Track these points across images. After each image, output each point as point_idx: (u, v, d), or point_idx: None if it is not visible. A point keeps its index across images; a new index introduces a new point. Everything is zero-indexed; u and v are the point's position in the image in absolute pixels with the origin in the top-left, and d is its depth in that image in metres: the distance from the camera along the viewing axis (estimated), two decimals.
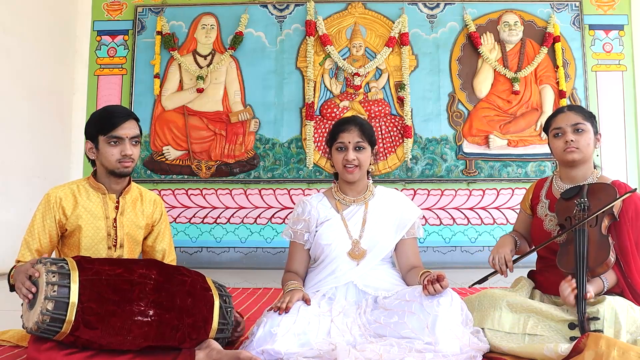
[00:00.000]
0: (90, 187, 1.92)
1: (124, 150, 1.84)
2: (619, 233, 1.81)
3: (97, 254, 1.86)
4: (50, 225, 1.85)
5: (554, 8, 5.22)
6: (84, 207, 1.88)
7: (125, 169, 1.87)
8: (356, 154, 1.97)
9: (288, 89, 5.16)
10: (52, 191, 1.89)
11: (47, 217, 1.85)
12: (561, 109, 2.01)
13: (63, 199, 1.87)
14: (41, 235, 1.85)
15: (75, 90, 5.25)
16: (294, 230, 2.06)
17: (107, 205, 1.91)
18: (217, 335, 1.63)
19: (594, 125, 1.95)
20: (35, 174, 4.65)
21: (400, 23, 5.15)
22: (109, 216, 1.90)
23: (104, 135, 1.84)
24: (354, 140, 1.98)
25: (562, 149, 1.92)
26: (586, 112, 1.97)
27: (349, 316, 1.81)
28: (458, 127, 5.11)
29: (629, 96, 5.17)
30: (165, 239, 2.07)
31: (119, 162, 1.85)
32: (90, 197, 1.90)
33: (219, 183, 5.09)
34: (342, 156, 1.98)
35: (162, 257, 2.06)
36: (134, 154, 1.87)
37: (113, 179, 1.91)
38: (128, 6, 5.31)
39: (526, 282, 2.01)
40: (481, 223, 5.00)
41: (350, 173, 1.98)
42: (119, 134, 1.84)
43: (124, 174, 1.89)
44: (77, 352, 1.47)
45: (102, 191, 1.92)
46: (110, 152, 1.84)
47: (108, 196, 1.92)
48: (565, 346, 1.51)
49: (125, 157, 1.85)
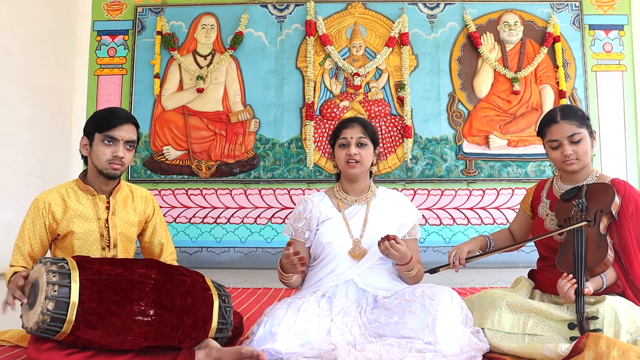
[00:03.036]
0: (80, 190, 1.91)
1: (116, 152, 1.83)
2: (619, 230, 1.81)
3: (90, 255, 1.85)
4: (41, 230, 1.84)
5: (554, 8, 5.22)
6: (74, 210, 1.87)
7: (113, 170, 1.85)
8: (358, 150, 1.99)
9: (288, 89, 5.16)
10: (40, 196, 1.87)
11: (36, 223, 1.84)
12: (554, 117, 1.91)
13: (52, 204, 1.85)
14: (32, 240, 1.84)
15: (75, 90, 5.25)
16: (294, 228, 2.07)
17: (97, 206, 1.90)
18: (216, 334, 1.63)
19: (589, 127, 1.91)
20: (35, 174, 4.65)
21: (400, 23, 5.15)
22: (100, 217, 1.89)
23: (100, 133, 1.84)
24: (357, 135, 2.00)
25: (561, 160, 1.90)
26: (579, 116, 1.90)
27: (349, 315, 1.81)
28: (458, 127, 5.11)
29: (629, 96, 5.17)
30: (161, 232, 2.07)
31: (109, 162, 1.84)
32: (80, 200, 1.89)
33: (219, 183, 5.09)
34: (344, 152, 2.00)
35: (161, 250, 2.06)
36: (125, 157, 1.86)
37: (102, 180, 1.90)
38: (128, 6, 5.32)
39: (526, 282, 2.01)
40: (481, 223, 5.01)
41: (352, 168, 1.99)
42: (115, 134, 1.83)
43: (111, 175, 1.87)
44: (78, 352, 1.47)
45: (92, 193, 1.90)
46: (102, 151, 1.83)
47: (98, 197, 1.91)
48: (565, 346, 1.51)
49: (116, 159, 1.83)
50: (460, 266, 2.06)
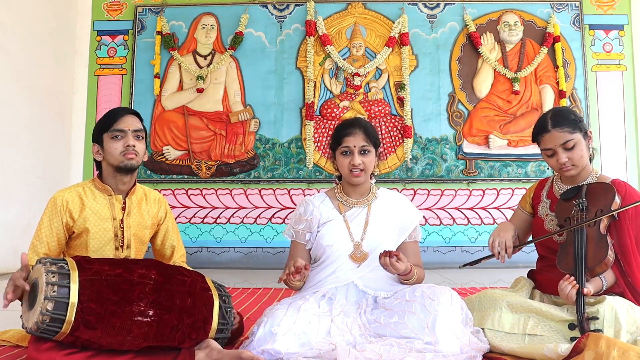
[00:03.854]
0: (96, 189, 1.92)
1: (127, 142, 1.85)
2: (619, 231, 1.81)
3: (104, 255, 1.86)
4: (58, 228, 1.85)
5: (554, 8, 5.22)
6: (90, 209, 1.87)
7: (129, 160, 1.85)
8: (362, 158, 1.97)
9: (288, 89, 5.16)
10: (58, 194, 1.88)
11: (54, 221, 1.85)
12: (545, 126, 1.88)
13: (70, 201, 1.86)
14: (49, 239, 1.84)
15: (75, 90, 5.25)
16: (295, 230, 2.06)
17: (113, 206, 1.91)
18: (216, 335, 1.63)
19: (583, 128, 1.87)
20: (35, 174, 4.65)
21: (400, 23, 5.15)
22: (116, 217, 1.90)
23: (107, 132, 1.86)
24: (359, 144, 1.97)
25: (558, 167, 1.90)
26: (571, 121, 1.86)
27: (349, 316, 1.81)
28: (458, 127, 5.11)
29: (629, 96, 5.17)
30: (173, 235, 2.09)
31: (123, 154, 1.84)
32: (96, 199, 1.90)
33: (219, 183, 5.09)
34: (347, 160, 1.98)
35: (172, 252, 2.08)
36: (137, 146, 1.87)
37: (119, 179, 1.90)
38: (128, 6, 5.32)
39: (526, 282, 2.01)
40: (481, 223, 5.00)
41: (357, 177, 1.98)
42: (120, 126, 1.86)
43: (129, 166, 1.87)
44: (77, 352, 1.47)
45: (109, 192, 1.91)
46: (113, 146, 1.85)
47: (115, 197, 1.92)
48: (565, 346, 1.51)
49: (129, 148, 1.85)
50: (506, 256, 1.88)
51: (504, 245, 1.90)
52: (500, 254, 1.90)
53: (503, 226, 2.02)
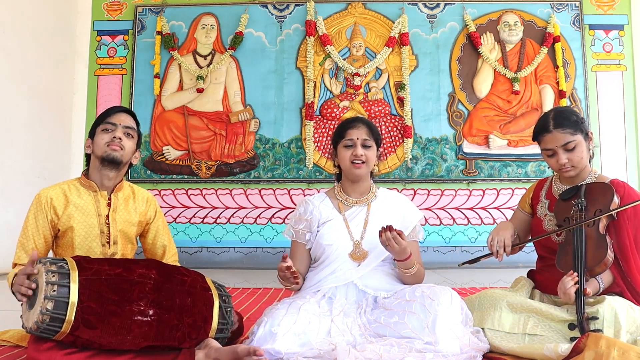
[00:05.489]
0: (82, 186, 1.93)
1: (115, 134, 1.88)
2: (618, 231, 1.80)
3: (91, 251, 1.86)
4: (44, 225, 1.85)
5: (554, 8, 5.22)
6: (75, 205, 1.88)
7: (113, 151, 1.86)
8: (364, 151, 1.99)
9: (288, 89, 5.16)
10: (42, 192, 1.89)
11: (39, 218, 1.86)
12: (546, 126, 1.87)
13: (54, 198, 1.87)
14: (35, 236, 1.85)
15: (75, 90, 5.25)
16: (295, 230, 2.07)
17: (98, 202, 1.91)
18: (216, 335, 1.63)
19: (584, 130, 1.87)
20: (35, 174, 4.65)
21: (400, 23, 5.15)
22: (101, 213, 1.90)
23: (99, 125, 1.91)
24: (362, 137, 2.00)
25: (557, 168, 1.90)
26: (573, 122, 1.85)
27: (349, 316, 1.81)
28: (458, 127, 5.11)
29: (629, 96, 5.18)
30: (164, 235, 2.08)
31: (107, 144, 1.87)
32: (81, 196, 1.91)
33: (219, 183, 5.09)
34: (350, 152, 1.99)
35: (163, 252, 2.07)
36: (124, 141, 1.89)
37: (104, 173, 1.91)
38: (128, 6, 5.32)
39: (526, 282, 2.01)
40: (481, 223, 5.01)
41: (358, 168, 1.99)
42: (112, 120, 1.91)
43: (111, 157, 1.87)
44: (77, 352, 1.47)
45: (94, 189, 1.92)
46: (102, 137, 1.89)
47: (100, 193, 1.92)
48: (566, 346, 1.51)
49: (114, 140, 1.87)
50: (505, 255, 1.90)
51: (503, 244, 1.92)
52: (499, 252, 1.91)
53: (502, 225, 2.03)
